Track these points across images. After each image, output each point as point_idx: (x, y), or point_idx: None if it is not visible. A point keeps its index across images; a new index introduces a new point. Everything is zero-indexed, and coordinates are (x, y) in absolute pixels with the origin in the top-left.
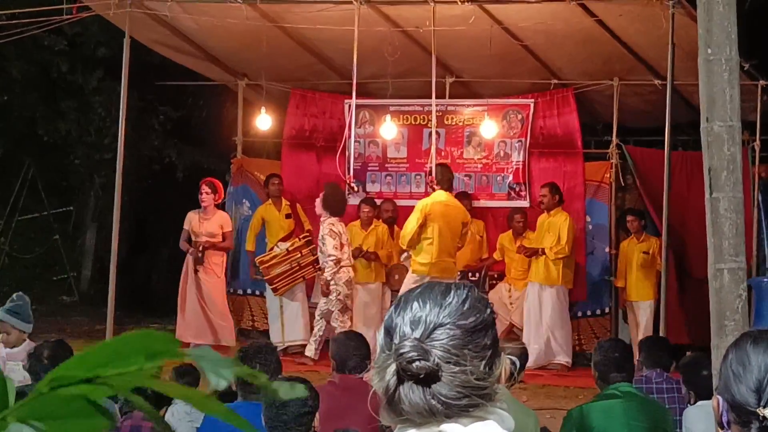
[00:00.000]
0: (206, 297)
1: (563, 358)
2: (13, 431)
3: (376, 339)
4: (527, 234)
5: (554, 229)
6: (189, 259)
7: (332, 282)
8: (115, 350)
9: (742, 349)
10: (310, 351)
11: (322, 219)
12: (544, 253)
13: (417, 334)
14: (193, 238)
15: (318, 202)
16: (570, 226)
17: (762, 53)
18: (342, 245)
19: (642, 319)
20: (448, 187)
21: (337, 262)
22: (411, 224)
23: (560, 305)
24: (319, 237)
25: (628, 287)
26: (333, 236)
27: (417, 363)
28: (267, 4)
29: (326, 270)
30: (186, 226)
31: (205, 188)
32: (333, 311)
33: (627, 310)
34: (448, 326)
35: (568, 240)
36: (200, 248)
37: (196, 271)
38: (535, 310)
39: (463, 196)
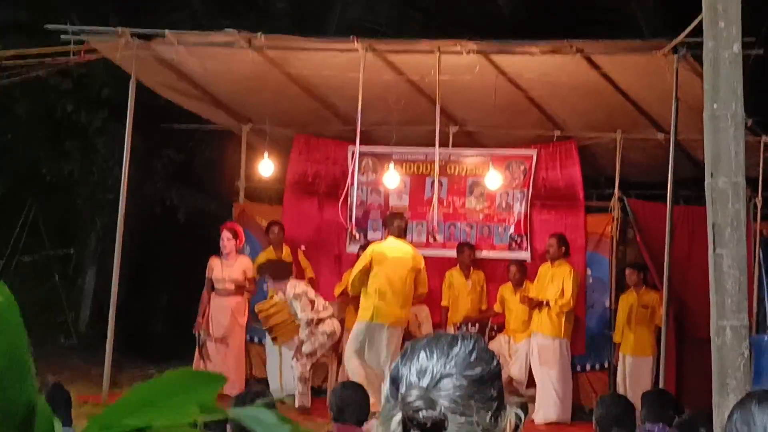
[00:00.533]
0: (219, 344)
1: (562, 414)
2: None
3: (381, 389)
4: (527, 285)
5: (557, 281)
6: (211, 305)
7: (307, 343)
8: (160, 392)
9: (747, 410)
10: (305, 400)
11: (281, 289)
12: (548, 305)
13: (423, 383)
14: (216, 285)
15: (269, 282)
16: (574, 278)
17: (765, 110)
18: (311, 302)
19: (635, 373)
20: (398, 234)
21: (312, 322)
22: (355, 269)
23: (563, 359)
24: (288, 302)
25: (624, 341)
26: (298, 298)
27: (423, 412)
28: (273, 49)
29: (301, 331)
30: (208, 274)
31: (226, 234)
32: (303, 351)
33: (618, 364)
34: (454, 377)
35: (573, 293)
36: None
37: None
38: (537, 362)
39: (466, 247)
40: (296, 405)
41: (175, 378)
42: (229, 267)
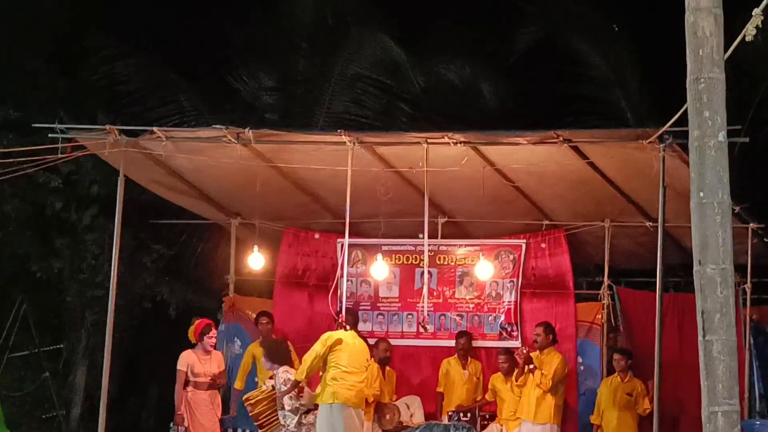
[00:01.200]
0: None
1: None
2: None
3: None
4: (516, 374)
5: (547, 369)
6: (189, 399)
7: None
8: None
9: None
10: None
11: (273, 373)
12: (533, 371)
13: None
14: (194, 380)
15: (263, 360)
16: (560, 364)
17: (751, 197)
18: (300, 390)
19: None
20: (352, 327)
21: (298, 410)
22: (313, 353)
23: None
24: (276, 389)
25: (605, 426)
26: (286, 384)
27: None
28: (261, 143)
29: (288, 423)
30: (183, 368)
31: (214, 331)
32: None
33: None
34: None
35: (554, 375)
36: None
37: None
38: None
39: (464, 336)
40: None
41: None
42: (208, 362)
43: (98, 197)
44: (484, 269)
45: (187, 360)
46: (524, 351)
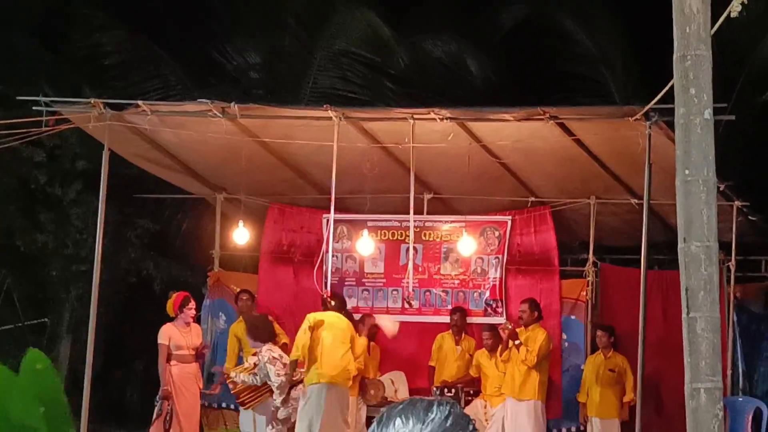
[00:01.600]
0: (187, 411)
1: None
2: None
3: None
4: (500, 351)
5: (531, 344)
6: (173, 373)
7: (282, 409)
8: None
9: None
10: None
11: (257, 350)
12: (519, 346)
13: None
14: (176, 353)
15: (247, 337)
16: (545, 340)
17: (737, 174)
18: (285, 366)
19: None
20: (339, 310)
21: (284, 386)
22: (301, 333)
23: (538, 421)
24: (259, 367)
25: (590, 403)
26: (273, 362)
27: None
28: (247, 118)
29: (276, 397)
30: (165, 342)
31: (193, 302)
32: (278, 417)
33: (587, 425)
34: None
35: (539, 351)
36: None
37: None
38: (510, 425)
39: (458, 311)
40: None
41: None
42: (189, 334)
43: (83, 171)
44: (469, 245)
45: (168, 333)
46: (509, 327)
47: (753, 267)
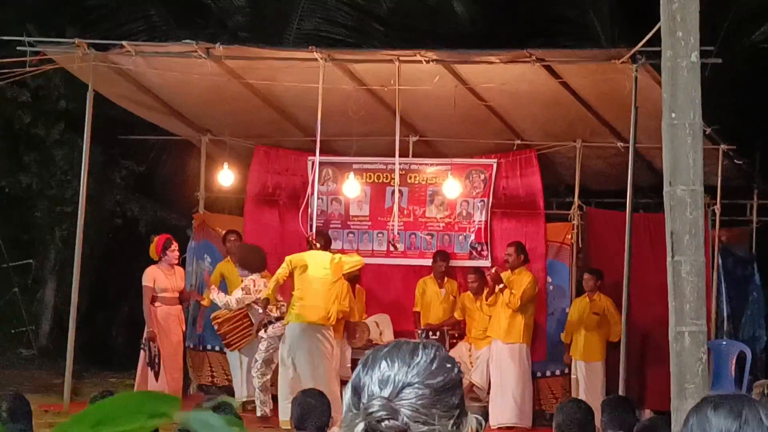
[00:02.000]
0: (171, 352)
1: (522, 419)
2: None
3: (343, 397)
4: (486, 294)
5: (516, 288)
6: (158, 315)
7: (263, 334)
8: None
9: (703, 415)
10: (266, 408)
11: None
12: (503, 290)
13: (385, 393)
14: (161, 295)
15: (238, 268)
16: (530, 283)
17: (722, 118)
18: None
19: (586, 377)
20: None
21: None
22: (276, 275)
23: (522, 364)
24: (237, 294)
25: (574, 347)
26: (246, 289)
27: (386, 422)
28: (232, 59)
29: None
30: (149, 283)
31: (176, 244)
32: (258, 360)
33: (571, 367)
34: (416, 385)
35: (523, 294)
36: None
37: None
38: (495, 367)
39: (439, 256)
40: (258, 414)
41: (130, 398)
42: (173, 276)
43: (67, 112)
44: (454, 188)
45: (152, 275)
46: (493, 270)
47: (738, 211)
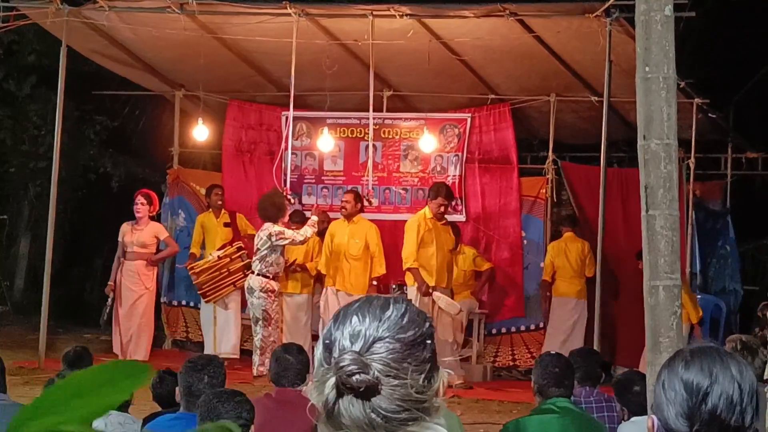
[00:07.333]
0: (128, 308)
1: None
2: None
3: (314, 352)
4: (461, 248)
5: (361, 238)
6: (121, 270)
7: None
8: (87, 385)
9: (674, 372)
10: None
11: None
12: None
13: (356, 347)
14: (126, 250)
15: (260, 216)
16: (377, 235)
17: (696, 72)
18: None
19: (556, 310)
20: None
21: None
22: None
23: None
24: (260, 238)
25: (554, 287)
26: (271, 237)
27: (357, 376)
28: (205, 15)
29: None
30: (120, 238)
31: (140, 199)
32: (259, 319)
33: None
34: (387, 340)
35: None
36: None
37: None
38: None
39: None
40: (254, 374)
41: (102, 370)
42: (139, 232)
43: (40, 67)
44: (429, 143)
45: (123, 230)
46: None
47: (712, 165)
